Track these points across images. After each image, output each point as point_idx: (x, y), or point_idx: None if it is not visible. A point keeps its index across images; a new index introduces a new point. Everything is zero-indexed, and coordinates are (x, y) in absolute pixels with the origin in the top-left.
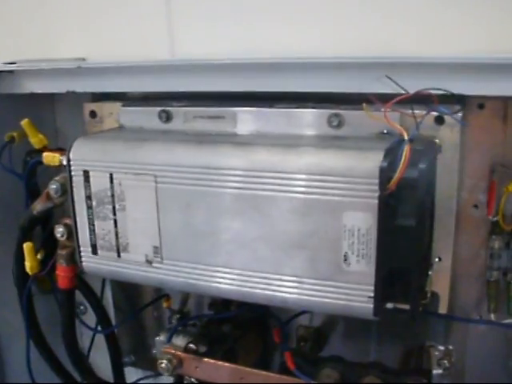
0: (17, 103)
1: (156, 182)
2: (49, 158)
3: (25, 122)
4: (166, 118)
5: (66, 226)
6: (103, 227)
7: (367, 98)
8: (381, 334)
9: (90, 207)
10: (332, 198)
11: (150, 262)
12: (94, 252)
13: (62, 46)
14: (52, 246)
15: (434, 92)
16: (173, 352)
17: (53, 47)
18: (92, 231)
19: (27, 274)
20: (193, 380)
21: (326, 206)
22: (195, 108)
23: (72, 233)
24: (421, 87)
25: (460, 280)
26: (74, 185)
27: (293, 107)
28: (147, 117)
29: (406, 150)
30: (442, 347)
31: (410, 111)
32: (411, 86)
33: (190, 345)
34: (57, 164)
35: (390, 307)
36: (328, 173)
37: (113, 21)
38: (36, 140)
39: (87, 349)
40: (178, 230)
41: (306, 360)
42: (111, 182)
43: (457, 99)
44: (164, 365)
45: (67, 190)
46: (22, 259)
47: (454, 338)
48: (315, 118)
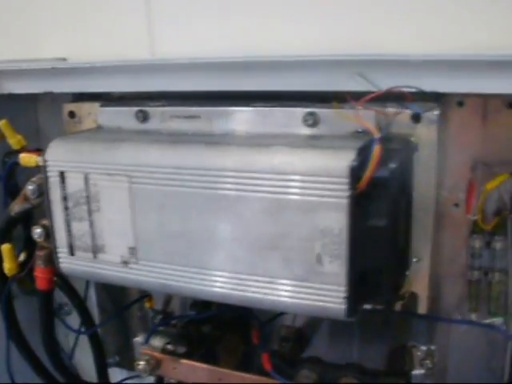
0: None
1: (130, 182)
2: (25, 159)
3: (2, 123)
4: (143, 117)
5: (43, 227)
6: (79, 228)
7: (343, 97)
8: (363, 335)
9: (66, 208)
10: (305, 198)
11: (125, 263)
12: (71, 253)
13: (46, 46)
14: (33, 247)
15: (405, 90)
16: (150, 353)
17: (36, 47)
18: (69, 232)
19: (6, 275)
20: (172, 381)
21: (299, 206)
22: (172, 108)
23: (49, 234)
24: (396, 85)
25: (441, 280)
26: (50, 186)
27: (268, 106)
28: (125, 117)
29: (376, 149)
30: (424, 347)
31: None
32: (387, 84)
33: (168, 346)
34: (33, 165)
35: (367, 308)
36: (300, 172)
37: (94, 21)
38: (14, 141)
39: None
40: (153, 231)
41: (284, 361)
42: (86, 182)
43: (433, 97)
44: (141, 366)
45: (44, 190)
46: (1, 261)
47: (436, 338)
48: (290, 116)
